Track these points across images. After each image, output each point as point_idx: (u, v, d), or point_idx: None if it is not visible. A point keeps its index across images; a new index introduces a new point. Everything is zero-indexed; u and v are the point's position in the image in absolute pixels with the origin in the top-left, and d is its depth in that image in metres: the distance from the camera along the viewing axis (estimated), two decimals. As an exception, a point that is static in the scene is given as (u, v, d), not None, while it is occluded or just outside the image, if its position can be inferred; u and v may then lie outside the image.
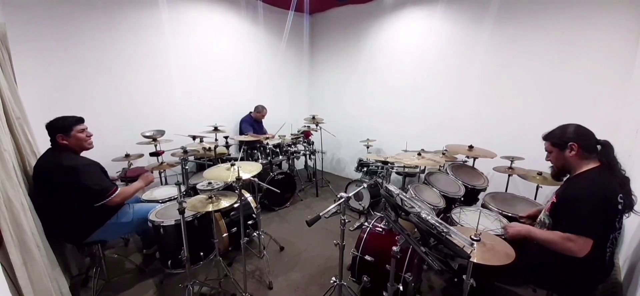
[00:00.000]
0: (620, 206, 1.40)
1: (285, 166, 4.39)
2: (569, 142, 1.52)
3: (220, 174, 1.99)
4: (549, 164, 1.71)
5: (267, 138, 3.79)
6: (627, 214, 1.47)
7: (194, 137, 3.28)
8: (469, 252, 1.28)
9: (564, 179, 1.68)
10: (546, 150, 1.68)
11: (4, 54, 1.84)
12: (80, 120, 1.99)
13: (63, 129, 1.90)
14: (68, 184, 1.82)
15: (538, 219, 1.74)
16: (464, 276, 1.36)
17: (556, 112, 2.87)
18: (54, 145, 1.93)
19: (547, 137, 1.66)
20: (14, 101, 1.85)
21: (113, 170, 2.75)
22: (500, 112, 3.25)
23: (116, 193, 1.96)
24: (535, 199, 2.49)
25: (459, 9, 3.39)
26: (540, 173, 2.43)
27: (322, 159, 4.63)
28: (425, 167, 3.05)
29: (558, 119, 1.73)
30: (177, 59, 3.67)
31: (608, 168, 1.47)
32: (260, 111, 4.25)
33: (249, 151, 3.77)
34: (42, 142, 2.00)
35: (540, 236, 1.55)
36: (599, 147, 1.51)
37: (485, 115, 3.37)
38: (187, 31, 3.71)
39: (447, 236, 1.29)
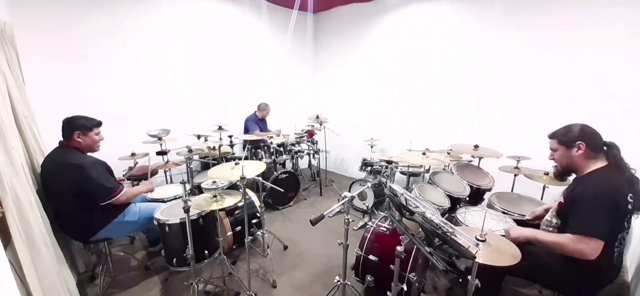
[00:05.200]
0: (630, 206, 1.38)
1: (289, 165, 4.40)
2: (577, 141, 1.50)
3: (225, 173, 1.99)
4: (553, 163, 1.68)
5: (271, 137, 3.80)
6: (636, 215, 1.45)
7: (198, 137, 3.30)
8: (474, 252, 1.27)
9: (571, 179, 1.66)
10: (551, 149, 1.65)
11: (11, 53, 1.86)
12: (100, 124, 2.07)
13: (84, 128, 1.95)
14: (75, 182, 1.84)
15: (544, 220, 1.72)
16: (469, 277, 1.35)
17: (563, 111, 2.84)
18: (64, 142, 1.95)
19: (553, 136, 1.63)
20: (22, 100, 1.87)
21: (119, 169, 2.78)
22: (506, 111, 3.22)
23: (122, 192, 1.98)
24: (541, 199, 2.46)
25: (465, 7, 3.36)
26: (546, 173, 2.40)
27: (325, 158, 4.63)
28: (429, 166, 3.03)
29: (565, 118, 1.71)
30: (182, 57, 3.69)
31: (616, 167, 1.45)
32: (264, 108, 4.26)
33: (253, 150, 3.78)
34: (50, 141, 2.02)
35: (548, 240, 1.50)
36: (604, 148, 1.49)
37: (491, 114, 3.34)
38: (191, 30, 3.73)
39: (452, 236, 1.29)
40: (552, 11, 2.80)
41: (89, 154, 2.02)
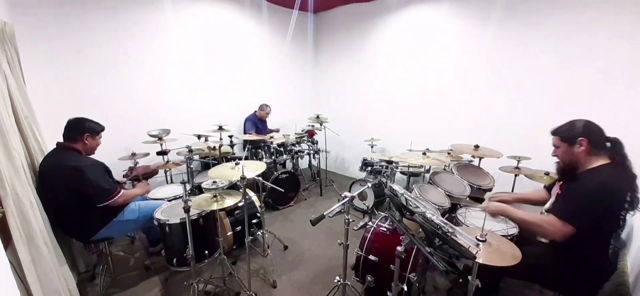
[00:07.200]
0: (626, 204, 1.38)
1: (289, 165, 4.39)
2: (579, 138, 1.47)
3: (225, 173, 1.99)
4: (556, 160, 1.66)
5: (271, 137, 3.80)
6: (632, 213, 1.43)
7: (199, 137, 3.30)
8: (474, 253, 1.27)
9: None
10: (554, 145, 1.62)
11: (12, 53, 1.86)
12: (104, 129, 2.12)
13: (94, 131, 2.01)
14: (73, 184, 1.84)
15: (542, 211, 1.73)
16: (470, 277, 1.34)
17: (563, 111, 2.78)
18: (64, 144, 1.94)
19: (555, 132, 1.61)
20: (23, 100, 1.87)
21: (119, 169, 2.78)
22: (506, 111, 3.21)
23: (120, 194, 1.98)
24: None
25: (465, 6, 3.36)
26: (547, 173, 2.40)
27: (326, 158, 4.63)
28: (430, 166, 3.03)
29: (566, 117, 1.69)
30: (182, 58, 3.70)
31: (620, 165, 1.43)
32: (264, 109, 4.26)
33: (253, 150, 3.78)
34: (50, 141, 2.02)
35: (519, 217, 1.59)
36: (608, 144, 1.48)
37: (491, 114, 3.33)
38: (191, 30, 3.73)
39: (452, 236, 1.28)
40: (551, 12, 2.80)
41: (88, 156, 2.03)
